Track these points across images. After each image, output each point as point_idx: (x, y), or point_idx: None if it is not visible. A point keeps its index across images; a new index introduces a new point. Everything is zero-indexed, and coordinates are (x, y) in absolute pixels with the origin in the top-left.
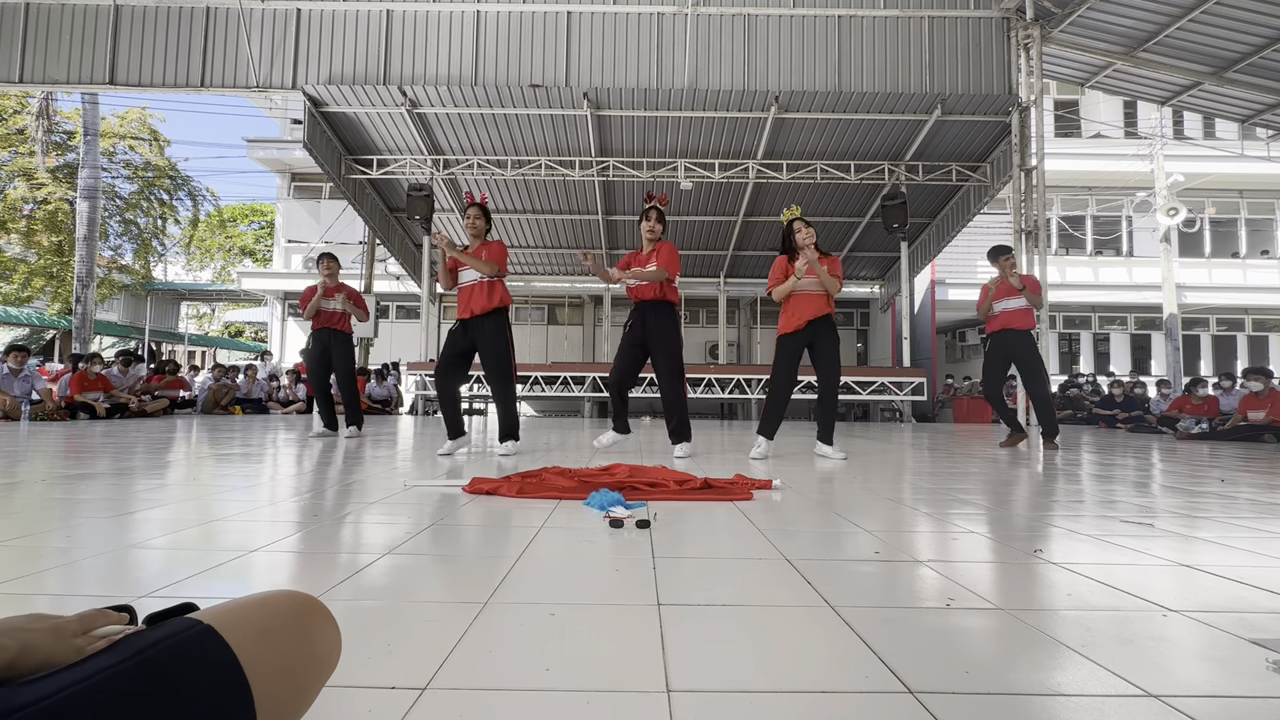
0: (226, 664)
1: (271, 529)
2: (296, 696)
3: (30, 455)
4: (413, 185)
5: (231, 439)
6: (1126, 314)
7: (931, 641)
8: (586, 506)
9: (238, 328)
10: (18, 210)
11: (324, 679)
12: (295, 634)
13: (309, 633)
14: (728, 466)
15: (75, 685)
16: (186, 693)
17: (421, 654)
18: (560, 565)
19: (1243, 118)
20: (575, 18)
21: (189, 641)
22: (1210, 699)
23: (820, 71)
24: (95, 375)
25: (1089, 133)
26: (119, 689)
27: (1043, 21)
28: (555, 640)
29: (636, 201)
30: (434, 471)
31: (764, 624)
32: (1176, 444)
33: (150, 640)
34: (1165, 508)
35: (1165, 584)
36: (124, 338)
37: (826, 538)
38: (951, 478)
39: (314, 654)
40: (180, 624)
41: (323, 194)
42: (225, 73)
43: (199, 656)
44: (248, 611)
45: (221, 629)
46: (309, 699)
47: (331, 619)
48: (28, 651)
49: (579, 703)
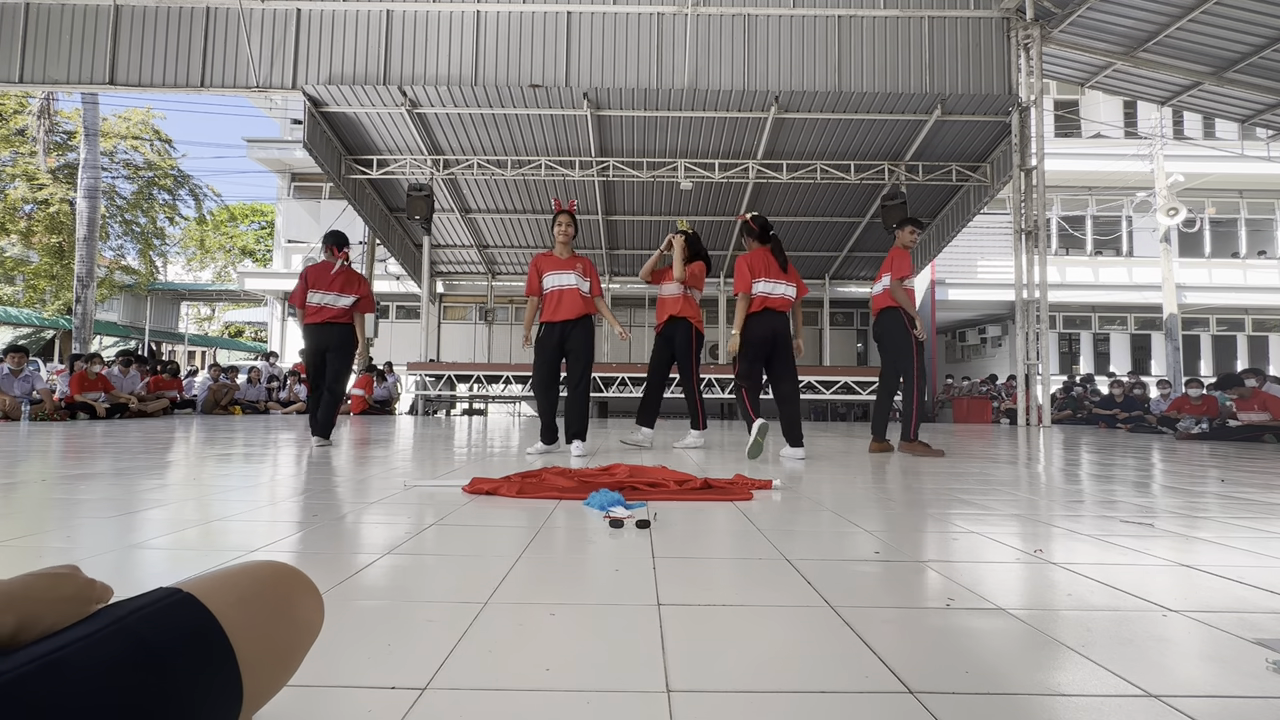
0: (210, 629)
1: (271, 529)
2: (280, 662)
3: (30, 455)
4: (413, 185)
5: (231, 439)
6: (1126, 314)
7: (931, 641)
8: (586, 506)
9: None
10: (18, 211)
11: (307, 645)
12: (276, 600)
13: (290, 599)
14: (728, 466)
15: (49, 655)
16: (169, 659)
17: (421, 654)
18: (560, 565)
19: (1243, 118)
20: (575, 18)
21: (170, 609)
22: (1210, 699)
23: (820, 71)
24: (95, 375)
25: (1089, 133)
26: (98, 657)
27: (1043, 21)
28: (555, 640)
29: (637, 202)
30: (435, 471)
31: (764, 624)
32: (1176, 444)
33: (128, 609)
34: (1165, 508)
35: (1165, 584)
36: (124, 338)
37: (826, 538)
38: (951, 478)
39: (296, 619)
40: (159, 593)
41: (323, 194)
42: (225, 73)
43: (180, 623)
44: (228, 580)
45: (202, 597)
46: (293, 665)
47: (313, 586)
48: (28, 624)
49: (579, 703)
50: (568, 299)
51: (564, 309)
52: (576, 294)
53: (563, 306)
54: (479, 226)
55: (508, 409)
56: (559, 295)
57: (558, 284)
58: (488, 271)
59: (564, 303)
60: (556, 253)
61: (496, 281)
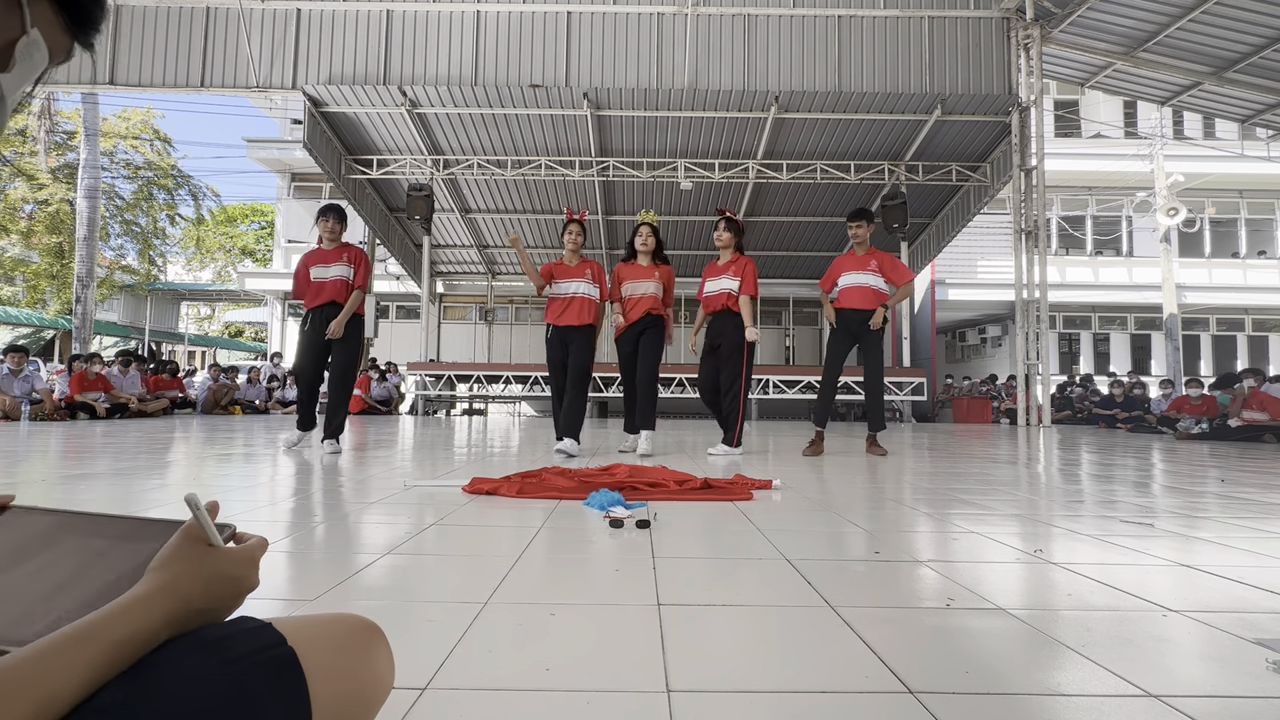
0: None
1: (271, 529)
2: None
3: (30, 455)
4: (413, 185)
5: (231, 439)
6: (1126, 314)
7: (931, 641)
8: (586, 506)
9: (238, 328)
10: (18, 211)
11: (382, 700)
12: (360, 653)
13: (373, 653)
14: (727, 467)
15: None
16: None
17: (421, 654)
18: (560, 565)
19: (1243, 118)
20: (575, 18)
21: (278, 666)
22: (1210, 699)
23: (820, 71)
24: (95, 375)
25: (1089, 133)
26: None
27: (1043, 21)
28: (555, 640)
29: (637, 202)
30: (435, 471)
31: (764, 624)
32: (1176, 444)
33: (242, 651)
34: (1165, 508)
35: (1165, 584)
36: (124, 338)
37: (826, 538)
38: (951, 478)
39: (377, 674)
40: (266, 639)
41: (323, 194)
42: (225, 73)
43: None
44: (322, 629)
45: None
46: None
47: (388, 644)
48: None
49: (579, 703)
50: (574, 305)
51: (569, 315)
52: (584, 301)
53: (569, 312)
54: (479, 226)
55: (508, 409)
56: (566, 301)
57: (565, 291)
58: (488, 271)
59: (570, 308)
60: (566, 259)
61: (496, 281)
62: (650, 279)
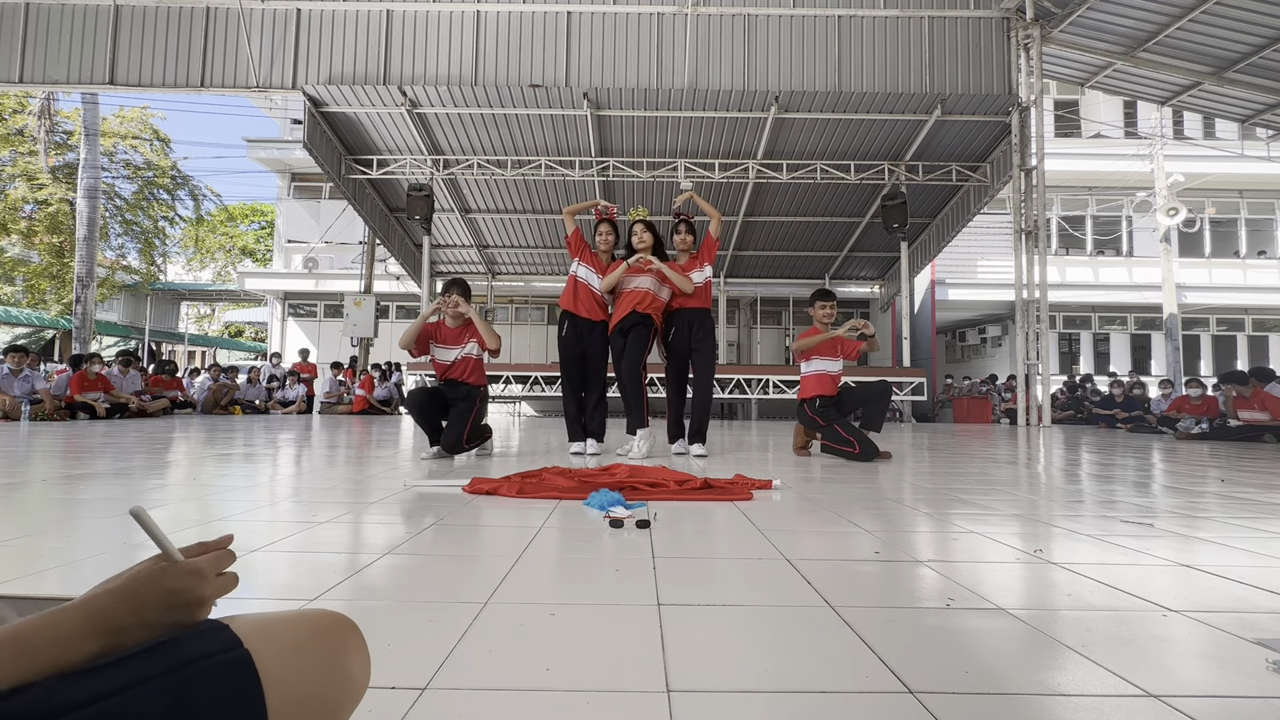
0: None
1: (271, 529)
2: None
3: (30, 455)
4: (413, 185)
5: (232, 439)
6: (1126, 314)
7: (931, 641)
8: (586, 506)
9: (238, 328)
10: (18, 211)
11: (356, 700)
12: (328, 652)
13: (343, 651)
14: (728, 466)
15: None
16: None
17: (421, 654)
18: (560, 565)
19: (1243, 118)
20: (575, 18)
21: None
22: (1210, 699)
23: (820, 71)
24: (95, 375)
25: (1089, 133)
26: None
27: (1043, 21)
28: (555, 640)
29: (637, 202)
30: (434, 471)
31: (764, 624)
32: (1176, 444)
33: (186, 656)
34: (1165, 508)
35: (1165, 584)
36: (124, 338)
37: (826, 538)
38: (951, 477)
39: (347, 673)
40: (217, 642)
41: (323, 194)
42: (225, 73)
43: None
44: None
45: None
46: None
47: (364, 641)
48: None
49: (579, 703)
50: (591, 297)
51: (583, 306)
52: (599, 299)
53: (582, 304)
54: (479, 226)
55: (508, 409)
56: (586, 291)
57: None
58: (488, 271)
59: (585, 300)
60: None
61: (496, 281)
62: (647, 274)
